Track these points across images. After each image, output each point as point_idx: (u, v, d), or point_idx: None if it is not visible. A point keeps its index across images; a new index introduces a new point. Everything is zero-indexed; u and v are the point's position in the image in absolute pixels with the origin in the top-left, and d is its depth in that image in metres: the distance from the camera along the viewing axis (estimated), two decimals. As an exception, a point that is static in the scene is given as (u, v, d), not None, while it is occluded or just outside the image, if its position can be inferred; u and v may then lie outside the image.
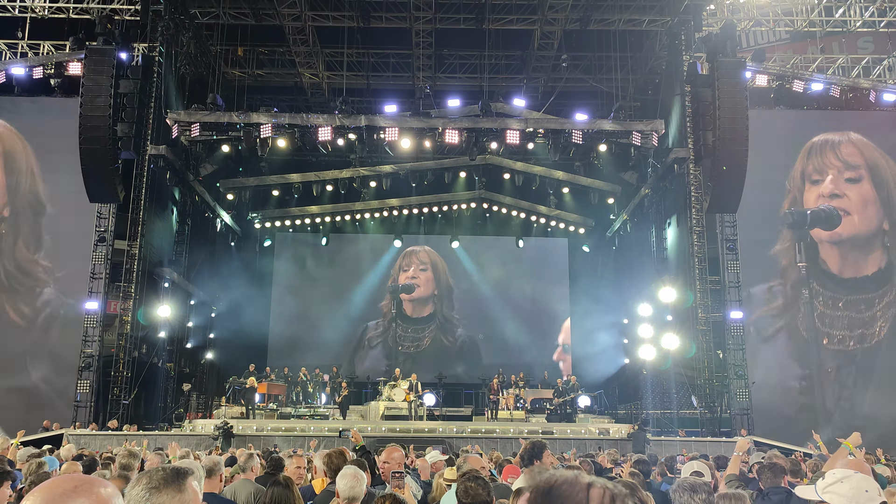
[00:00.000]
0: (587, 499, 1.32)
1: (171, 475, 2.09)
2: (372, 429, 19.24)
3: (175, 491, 2.05)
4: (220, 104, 20.85)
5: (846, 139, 21.72)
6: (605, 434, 19.18)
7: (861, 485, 2.83)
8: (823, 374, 20.37)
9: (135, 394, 20.00)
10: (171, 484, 2.07)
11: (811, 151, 21.69)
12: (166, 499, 2.03)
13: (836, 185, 21.42)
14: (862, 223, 21.26)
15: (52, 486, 1.65)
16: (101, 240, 20.47)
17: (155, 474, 2.09)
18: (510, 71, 26.61)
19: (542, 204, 28.20)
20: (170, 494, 2.04)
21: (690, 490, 3.60)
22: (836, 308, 20.81)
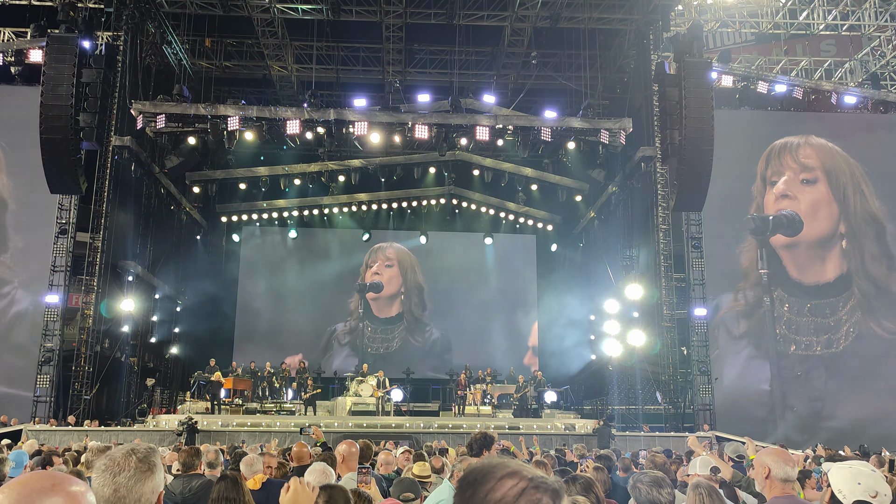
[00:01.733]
0: (493, 488, 1.27)
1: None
2: (339, 424, 19.16)
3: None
4: (186, 95, 20.55)
5: (804, 142, 22.02)
6: (571, 429, 19.34)
7: (857, 476, 2.92)
8: (792, 379, 20.58)
9: (97, 389, 19.66)
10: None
11: (770, 155, 21.97)
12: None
13: (789, 186, 21.66)
14: (813, 226, 21.47)
15: (27, 483, 1.63)
16: (62, 232, 20.06)
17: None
18: (480, 67, 26.65)
19: (511, 200, 28.31)
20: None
21: (655, 484, 3.60)
22: (802, 314, 21.04)
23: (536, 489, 1.25)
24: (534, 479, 1.28)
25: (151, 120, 19.85)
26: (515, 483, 1.26)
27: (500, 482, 1.26)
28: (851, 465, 3.01)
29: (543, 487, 1.26)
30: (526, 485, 1.25)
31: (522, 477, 1.27)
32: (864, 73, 24.77)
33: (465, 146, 22.10)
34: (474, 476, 1.30)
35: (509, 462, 1.33)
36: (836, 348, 20.82)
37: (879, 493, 2.84)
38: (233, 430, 18.30)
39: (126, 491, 2.11)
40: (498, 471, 1.29)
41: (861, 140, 22.31)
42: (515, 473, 1.28)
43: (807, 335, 20.88)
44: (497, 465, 1.31)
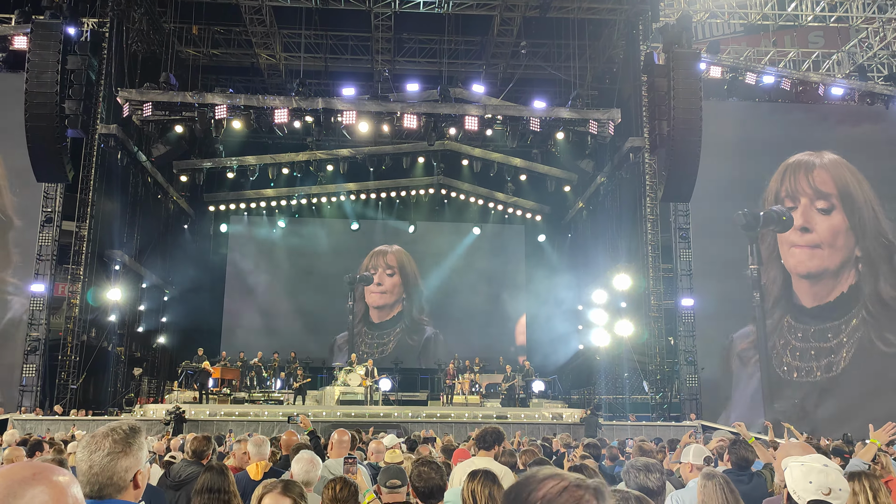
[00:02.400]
0: (536, 488, 1.33)
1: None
2: (327, 413, 19.17)
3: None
4: (173, 83, 20.39)
5: (820, 162, 21.89)
6: (559, 419, 19.43)
7: (808, 474, 2.83)
8: (794, 407, 20.65)
9: (83, 378, 19.57)
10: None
11: (786, 173, 21.84)
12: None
13: (806, 217, 21.55)
14: (833, 256, 21.45)
15: (10, 473, 1.62)
16: (47, 220, 19.90)
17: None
18: (469, 56, 26.58)
19: (500, 191, 28.32)
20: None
21: (645, 470, 3.64)
22: (807, 340, 21.03)
23: (578, 487, 1.31)
24: (576, 479, 1.34)
25: (138, 108, 19.68)
26: (557, 482, 1.32)
27: (542, 483, 1.33)
28: (804, 461, 2.92)
29: (585, 486, 1.32)
30: (567, 483, 1.32)
31: (564, 478, 1.34)
32: (851, 65, 24.87)
33: (453, 136, 22.07)
34: (518, 489, 1.37)
35: (545, 469, 1.41)
36: (836, 371, 20.88)
37: (833, 489, 2.75)
38: (220, 420, 18.27)
39: (99, 468, 2.24)
40: (540, 475, 1.37)
41: (847, 132, 22.48)
42: (557, 475, 1.35)
43: (808, 361, 20.91)
44: (538, 472, 1.39)
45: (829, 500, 2.72)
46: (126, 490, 2.30)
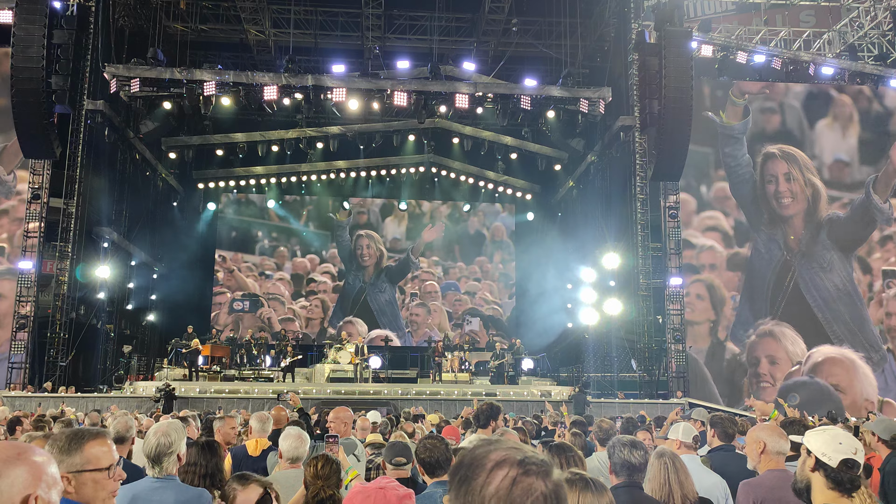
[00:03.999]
0: (486, 482, 1.28)
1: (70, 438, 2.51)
2: (317, 391, 19.25)
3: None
4: (161, 59, 20.18)
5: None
6: (547, 396, 19.58)
7: (836, 437, 3.03)
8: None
9: (72, 355, 19.54)
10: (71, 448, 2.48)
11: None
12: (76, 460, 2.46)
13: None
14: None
15: None
16: (35, 197, 19.75)
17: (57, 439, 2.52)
18: (460, 34, 26.39)
19: (491, 169, 28.26)
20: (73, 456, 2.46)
21: (630, 445, 3.70)
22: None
23: (527, 474, 1.27)
24: (523, 461, 1.29)
25: (125, 84, 19.49)
26: (506, 473, 1.27)
27: (492, 474, 1.28)
28: (825, 429, 3.14)
29: (534, 471, 1.28)
30: (516, 473, 1.27)
31: (512, 463, 1.29)
32: (842, 45, 24.86)
33: (444, 114, 21.98)
34: (465, 471, 1.31)
35: (495, 446, 1.33)
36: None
37: (858, 449, 2.99)
38: (210, 397, 18.33)
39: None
40: (486, 461, 1.30)
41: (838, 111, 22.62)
42: (504, 461, 1.29)
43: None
44: (483, 455, 1.32)
45: (856, 459, 2.98)
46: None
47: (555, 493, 1.27)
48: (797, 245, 21.73)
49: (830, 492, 2.97)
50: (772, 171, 22.11)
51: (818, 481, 3.01)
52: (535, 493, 1.25)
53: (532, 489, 1.26)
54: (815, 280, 21.56)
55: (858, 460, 2.96)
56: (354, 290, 29.30)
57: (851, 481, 2.94)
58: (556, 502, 1.27)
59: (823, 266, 21.62)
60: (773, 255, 21.68)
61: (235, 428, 6.38)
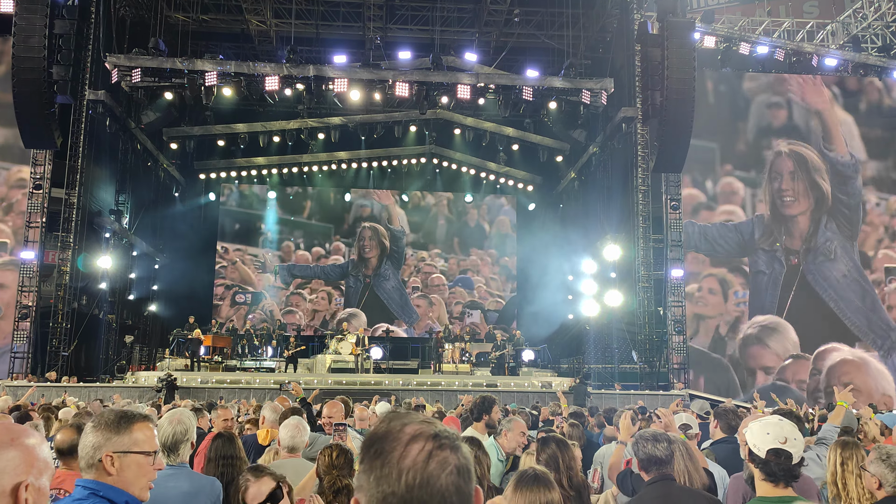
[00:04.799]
0: (402, 455, 1.30)
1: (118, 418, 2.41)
2: (318, 381, 19.30)
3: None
4: (162, 49, 20.15)
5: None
6: (548, 387, 19.62)
7: (765, 427, 2.97)
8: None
9: (74, 345, 19.61)
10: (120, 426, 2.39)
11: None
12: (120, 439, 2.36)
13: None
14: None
15: None
16: (36, 187, 19.77)
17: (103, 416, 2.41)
18: (462, 24, 26.29)
19: (492, 160, 28.24)
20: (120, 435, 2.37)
21: (653, 440, 3.72)
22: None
23: (441, 448, 1.30)
24: (437, 435, 1.32)
25: (127, 74, 19.46)
26: (422, 446, 1.30)
27: (407, 448, 1.30)
28: (760, 419, 3.09)
29: (447, 445, 1.32)
30: (432, 446, 1.30)
31: (427, 437, 1.31)
32: (845, 36, 24.75)
33: (446, 104, 21.93)
34: (379, 444, 1.32)
35: (406, 420, 1.35)
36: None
37: (788, 438, 2.93)
38: (212, 387, 18.39)
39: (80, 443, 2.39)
40: (402, 435, 1.32)
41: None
42: (420, 435, 1.31)
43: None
44: (398, 429, 1.33)
45: (786, 448, 2.89)
46: (95, 470, 2.38)
47: (465, 466, 1.32)
48: (800, 244, 21.67)
49: (764, 483, 2.92)
50: (778, 169, 22.08)
51: (757, 473, 2.96)
52: (448, 465, 1.29)
53: (446, 462, 1.29)
54: (822, 272, 21.55)
55: (788, 449, 2.89)
56: (361, 284, 29.29)
57: (783, 471, 2.88)
58: (466, 475, 1.31)
59: (829, 256, 21.62)
60: (775, 272, 21.59)
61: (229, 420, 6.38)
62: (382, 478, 1.29)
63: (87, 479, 2.32)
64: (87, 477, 2.33)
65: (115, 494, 2.29)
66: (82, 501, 2.26)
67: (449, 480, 1.28)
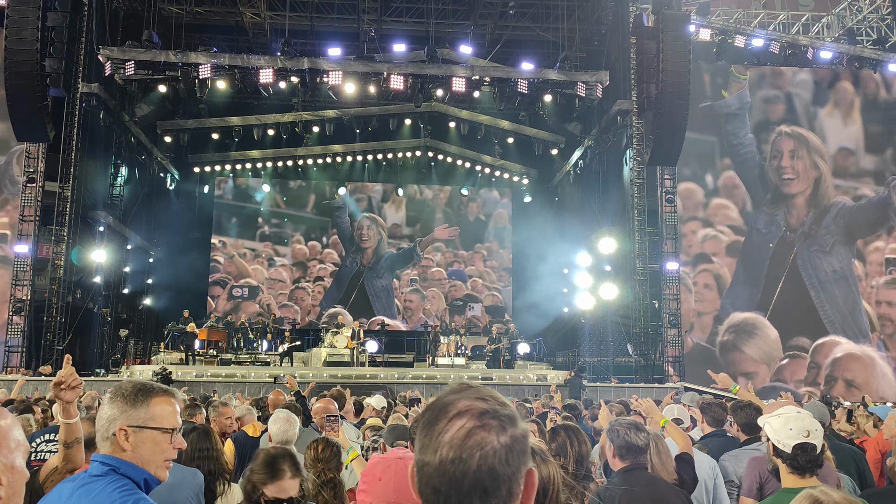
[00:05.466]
0: (444, 429, 1.28)
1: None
2: (314, 375, 19.31)
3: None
4: (155, 42, 20.05)
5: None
6: (543, 380, 19.66)
7: (787, 422, 2.99)
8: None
9: (69, 339, 19.56)
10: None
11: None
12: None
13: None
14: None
15: None
16: (30, 181, 19.69)
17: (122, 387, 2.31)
18: (457, 17, 26.20)
19: (487, 153, 28.20)
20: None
21: (634, 428, 3.71)
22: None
23: (483, 427, 1.26)
24: (483, 413, 1.28)
25: (120, 67, 19.38)
26: (464, 423, 1.27)
27: (451, 422, 1.28)
28: (778, 413, 3.12)
29: (491, 425, 1.27)
30: (473, 424, 1.27)
31: (473, 414, 1.28)
32: (840, 28, 24.76)
33: (440, 97, 21.90)
34: (431, 414, 1.32)
35: (467, 393, 1.33)
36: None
37: (810, 430, 2.98)
38: (207, 381, 18.38)
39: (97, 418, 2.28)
40: (452, 408, 1.30)
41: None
42: (467, 412, 1.29)
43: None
44: (451, 402, 1.32)
45: (810, 441, 2.95)
46: (110, 445, 2.28)
47: (508, 447, 1.26)
48: (799, 224, 21.75)
49: (791, 476, 3.00)
50: (779, 147, 22.16)
51: (781, 466, 3.03)
52: (486, 446, 1.25)
53: (485, 442, 1.25)
54: (813, 261, 21.61)
55: (812, 441, 2.97)
56: (352, 272, 29.28)
57: (809, 462, 2.96)
58: (510, 458, 1.26)
59: (825, 249, 21.68)
60: (772, 235, 21.70)
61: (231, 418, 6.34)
62: (423, 447, 1.28)
63: (103, 455, 2.22)
64: (103, 451, 2.23)
65: (133, 472, 2.20)
66: (99, 478, 2.16)
67: (484, 462, 1.24)
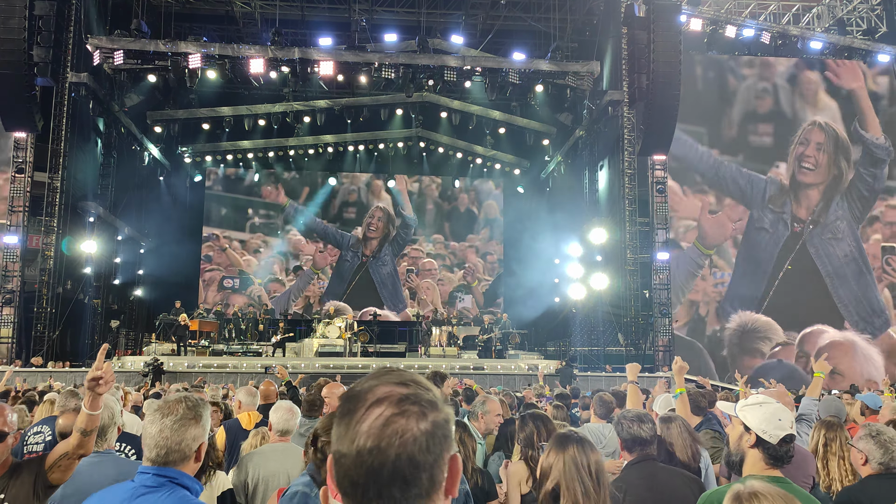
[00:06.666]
0: (361, 418, 1.20)
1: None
2: (305, 365, 19.33)
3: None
4: (144, 31, 19.91)
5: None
6: (534, 370, 19.73)
7: (775, 413, 2.97)
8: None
9: (60, 330, 19.49)
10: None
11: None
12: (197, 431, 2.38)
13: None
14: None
15: None
16: (19, 171, 19.56)
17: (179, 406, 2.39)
18: (448, 7, 26.10)
19: (479, 144, 28.18)
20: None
21: (637, 420, 3.73)
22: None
23: (402, 415, 1.20)
24: (403, 399, 1.21)
25: (109, 56, 19.24)
26: (381, 411, 1.20)
27: (368, 411, 1.21)
28: (761, 404, 3.05)
29: (411, 412, 1.20)
30: (391, 412, 1.20)
31: (392, 401, 1.21)
32: (831, 19, 24.83)
33: (432, 87, 21.85)
34: (347, 403, 1.24)
35: (384, 379, 1.25)
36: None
37: (792, 422, 3.01)
38: (199, 371, 18.38)
39: (169, 432, 2.32)
40: (369, 395, 1.22)
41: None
42: (385, 399, 1.21)
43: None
44: (369, 389, 1.24)
45: (793, 432, 2.97)
46: (188, 461, 2.35)
47: (429, 433, 1.19)
48: (809, 214, 21.87)
49: (760, 463, 2.98)
50: (808, 136, 22.25)
51: (755, 456, 2.99)
52: (406, 434, 1.18)
53: (405, 430, 1.18)
54: (825, 248, 21.81)
55: (794, 433, 2.99)
56: (354, 265, 29.22)
57: (787, 455, 2.97)
58: (430, 445, 1.19)
59: (837, 235, 21.85)
60: (779, 234, 21.79)
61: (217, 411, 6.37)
62: (340, 437, 1.22)
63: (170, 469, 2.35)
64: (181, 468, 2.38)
65: (191, 482, 2.36)
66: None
67: (403, 451, 1.17)
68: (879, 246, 22.13)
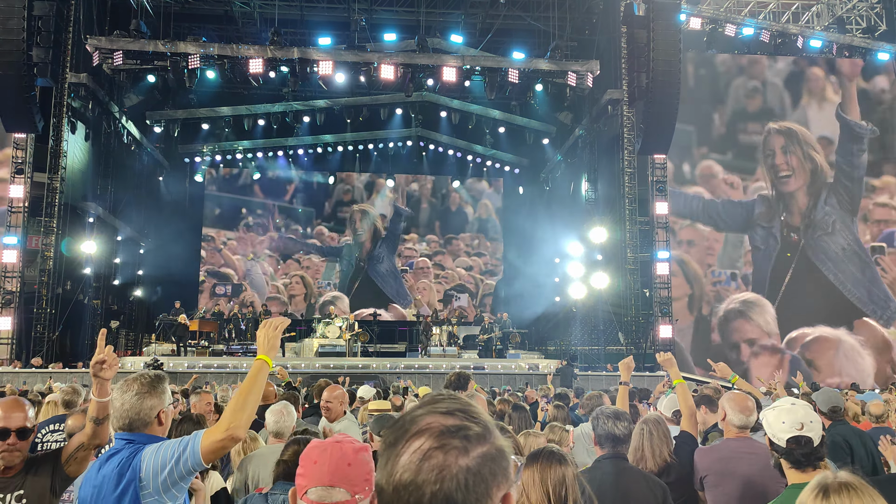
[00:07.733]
0: (401, 451, 1.18)
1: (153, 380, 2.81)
2: (305, 365, 19.33)
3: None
4: (144, 31, 19.90)
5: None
6: (535, 369, 19.74)
7: (779, 416, 2.94)
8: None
9: (59, 331, 19.48)
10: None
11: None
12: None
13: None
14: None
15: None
16: (18, 171, 19.54)
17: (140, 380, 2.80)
18: (448, 6, 26.06)
19: (479, 143, 28.17)
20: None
21: (614, 417, 3.73)
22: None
23: (441, 449, 1.15)
24: (444, 433, 1.17)
25: (108, 56, 19.21)
26: (421, 444, 1.16)
27: (408, 443, 1.17)
28: (775, 405, 3.03)
29: (452, 445, 1.15)
30: (430, 446, 1.16)
31: (432, 434, 1.17)
32: (830, 17, 24.82)
33: (431, 87, 21.83)
34: (392, 434, 1.21)
35: (430, 409, 1.21)
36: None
37: (804, 423, 2.89)
38: (199, 371, 18.34)
39: (129, 405, 2.73)
40: (412, 427, 1.19)
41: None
42: (426, 430, 1.17)
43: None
44: (412, 420, 1.20)
45: (804, 434, 2.87)
46: (151, 426, 2.75)
47: (471, 471, 1.14)
48: (800, 221, 21.85)
49: (791, 470, 2.91)
50: (770, 146, 22.22)
51: (782, 462, 2.94)
52: (444, 471, 1.13)
53: (442, 467, 1.14)
54: (821, 246, 21.79)
55: (808, 434, 2.87)
56: (353, 268, 29.17)
57: (806, 456, 2.86)
58: (471, 483, 1.13)
59: (827, 231, 21.83)
60: (769, 247, 21.77)
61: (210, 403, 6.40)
62: (381, 469, 1.19)
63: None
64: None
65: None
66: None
67: (440, 488, 1.12)
68: (869, 246, 22.15)
